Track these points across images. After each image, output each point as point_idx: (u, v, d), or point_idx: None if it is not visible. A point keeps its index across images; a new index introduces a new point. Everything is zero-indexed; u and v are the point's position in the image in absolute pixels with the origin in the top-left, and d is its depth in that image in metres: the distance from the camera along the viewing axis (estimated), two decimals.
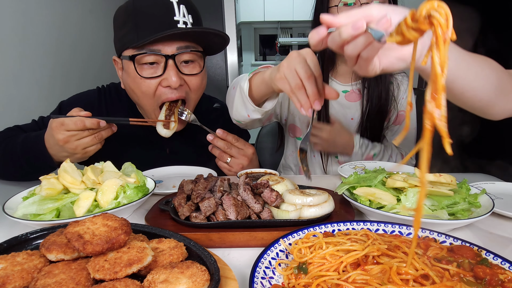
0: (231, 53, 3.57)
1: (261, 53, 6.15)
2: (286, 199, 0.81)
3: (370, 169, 1.07)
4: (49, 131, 1.01)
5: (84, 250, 0.52)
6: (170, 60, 1.09)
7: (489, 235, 0.79)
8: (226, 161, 1.19)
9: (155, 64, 1.11)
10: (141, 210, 0.95)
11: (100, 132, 1.04)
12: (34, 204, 0.82)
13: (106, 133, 1.06)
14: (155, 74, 1.10)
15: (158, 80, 1.12)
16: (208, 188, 0.83)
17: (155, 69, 1.11)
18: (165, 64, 1.09)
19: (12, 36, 1.74)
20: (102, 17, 2.72)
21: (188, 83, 1.17)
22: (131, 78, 1.13)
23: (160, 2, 1.08)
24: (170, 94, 1.14)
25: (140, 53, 1.08)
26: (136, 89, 1.14)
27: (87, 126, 0.99)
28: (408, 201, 0.81)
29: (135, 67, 1.10)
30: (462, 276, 0.53)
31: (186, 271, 0.51)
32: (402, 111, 1.50)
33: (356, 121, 1.49)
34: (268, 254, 0.62)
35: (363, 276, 0.53)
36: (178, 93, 1.14)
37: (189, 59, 1.15)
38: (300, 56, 0.83)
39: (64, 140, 0.99)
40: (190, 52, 1.13)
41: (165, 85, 1.12)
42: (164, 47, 1.08)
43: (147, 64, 1.10)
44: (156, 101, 1.16)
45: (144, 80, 1.11)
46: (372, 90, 1.42)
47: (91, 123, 1.00)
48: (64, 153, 1.03)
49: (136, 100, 1.21)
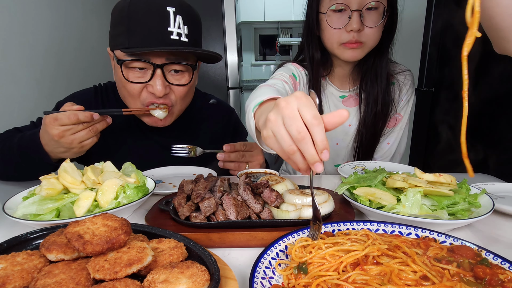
0: (231, 53, 3.57)
1: (261, 53, 6.14)
2: (286, 199, 0.81)
3: (370, 169, 1.07)
4: (43, 127, 1.01)
5: (84, 250, 0.52)
6: (158, 69, 1.09)
7: (489, 235, 0.79)
8: (245, 169, 1.21)
9: (144, 70, 1.11)
10: (141, 210, 0.95)
11: (95, 125, 1.03)
12: (34, 204, 0.82)
13: (101, 125, 1.05)
14: (142, 79, 1.11)
15: (144, 85, 1.13)
16: (208, 188, 0.83)
17: (142, 74, 1.12)
18: (153, 72, 1.10)
19: (12, 36, 1.74)
20: (103, 16, 2.72)
21: (174, 91, 1.17)
22: (119, 77, 1.14)
23: (155, 10, 1.06)
24: (155, 99, 1.15)
25: (129, 59, 1.09)
26: (122, 88, 1.16)
27: (81, 119, 0.98)
28: (408, 201, 0.81)
29: (122, 72, 1.11)
30: (462, 276, 0.54)
31: (186, 271, 0.51)
32: (398, 114, 1.45)
33: (354, 127, 1.45)
34: (268, 254, 0.62)
35: (363, 276, 0.53)
36: (162, 100, 1.15)
37: (179, 69, 1.15)
38: (289, 107, 0.60)
39: (59, 135, 0.98)
40: (179, 64, 1.13)
41: (150, 91, 1.13)
42: (154, 57, 1.09)
43: (136, 69, 1.11)
44: (141, 103, 1.16)
45: (130, 83, 1.12)
46: (369, 95, 1.37)
47: (85, 116, 0.99)
48: (60, 148, 1.02)
49: (122, 98, 1.22)
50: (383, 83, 1.35)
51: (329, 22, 1.23)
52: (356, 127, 1.45)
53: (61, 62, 2.16)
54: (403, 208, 0.80)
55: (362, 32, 1.21)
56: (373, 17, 1.21)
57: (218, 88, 3.59)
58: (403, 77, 1.44)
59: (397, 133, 1.48)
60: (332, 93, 1.45)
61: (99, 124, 1.05)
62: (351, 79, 1.43)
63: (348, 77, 1.43)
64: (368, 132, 1.41)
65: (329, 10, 1.22)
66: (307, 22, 1.33)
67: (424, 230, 0.69)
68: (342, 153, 1.50)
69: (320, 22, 1.28)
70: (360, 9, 1.18)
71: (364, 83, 1.39)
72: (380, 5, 1.21)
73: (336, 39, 1.25)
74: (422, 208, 0.80)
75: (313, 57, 1.35)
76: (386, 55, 1.34)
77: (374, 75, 1.35)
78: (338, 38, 1.24)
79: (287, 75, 1.31)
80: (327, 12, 1.23)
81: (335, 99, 1.45)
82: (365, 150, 1.45)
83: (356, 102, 1.45)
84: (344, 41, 1.23)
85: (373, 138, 1.43)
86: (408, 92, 1.45)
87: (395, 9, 1.27)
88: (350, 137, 1.47)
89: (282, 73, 1.31)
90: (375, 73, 1.35)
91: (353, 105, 1.45)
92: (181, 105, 1.23)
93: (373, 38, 1.24)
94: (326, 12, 1.23)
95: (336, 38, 1.24)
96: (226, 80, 3.62)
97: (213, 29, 3.39)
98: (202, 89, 1.53)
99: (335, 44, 1.26)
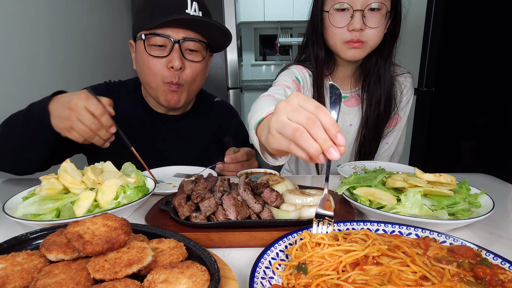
0: (231, 53, 3.57)
1: (261, 53, 6.14)
2: (286, 199, 0.81)
3: (370, 169, 1.07)
4: (74, 94, 1.04)
5: (84, 250, 0.52)
6: (176, 44, 1.21)
7: (489, 235, 0.79)
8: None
9: (163, 47, 1.22)
10: (141, 210, 0.95)
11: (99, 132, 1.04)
12: (34, 204, 0.82)
13: (102, 136, 1.06)
14: (161, 54, 1.22)
15: (164, 60, 1.22)
16: (208, 188, 0.83)
17: (162, 51, 1.22)
18: (172, 47, 1.21)
19: (12, 36, 1.74)
20: (104, 16, 2.72)
21: (189, 69, 1.26)
22: (140, 56, 1.25)
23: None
24: (172, 77, 1.23)
25: (152, 33, 1.20)
26: (143, 66, 1.25)
27: (101, 119, 1.02)
28: (408, 201, 0.81)
29: (144, 46, 1.21)
30: (462, 276, 0.53)
31: (186, 271, 0.51)
32: (397, 114, 1.46)
33: (354, 127, 1.46)
34: (268, 254, 0.62)
35: (363, 276, 0.53)
36: (177, 78, 1.24)
37: (194, 48, 1.25)
38: (290, 104, 0.60)
39: (73, 107, 1.00)
40: (194, 41, 1.23)
41: (169, 66, 1.22)
42: (172, 33, 1.20)
43: (156, 46, 1.21)
44: (161, 80, 1.24)
45: (151, 58, 1.22)
46: (372, 96, 1.38)
47: (107, 120, 1.03)
48: (59, 112, 1.02)
49: (143, 77, 1.29)
50: (387, 84, 1.37)
51: (332, 21, 1.24)
52: (358, 127, 1.46)
53: (61, 62, 2.16)
54: (403, 208, 0.80)
55: (363, 32, 1.22)
56: (375, 18, 1.22)
57: (218, 88, 3.59)
58: (403, 78, 1.46)
59: (396, 134, 1.49)
60: None
61: (103, 133, 1.05)
62: (353, 79, 1.44)
63: (350, 78, 1.44)
64: (370, 133, 1.42)
65: (332, 8, 1.23)
66: (312, 21, 1.34)
67: (424, 230, 0.69)
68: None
69: (324, 20, 1.29)
70: (362, 9, 1.19)
71: (367, 84, 1.39)
72: (383, 7, 1.21)
73: (338, 37, 1.26)
74: (422, 208, 0.80)
75: (317, 56, 1.36)
76: (389, 57, 1.34)
77: (377, 76, 1.36)
78: (340, 37, 1.25)
79: (290, 80, 1.32)
80: (330, 10, 1.24)
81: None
82: (367, 151, 1.46)
83: (357, 102, 1.46)
84: (347, 39, 1.24)
85: (375, 139, 1.44)
86: (408, 93, 1.46)
87: (399, 13, 1.28)
88: (351, 136, 1.48)
89: (284, 78, 1.33)
90: (378, 74, 1.36)
91: (354, 105, 1.46)
92: (192, 87, 1.31)
93: (374, 39, 1.25)
94: (329, 11, 1.24)
95: (339, 36, 1.25)
96: (226, 80, 3.62)
97: None
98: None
99: (338, 43, 1.27)
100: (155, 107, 1.41)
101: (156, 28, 1.19)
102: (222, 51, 1.39)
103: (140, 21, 1.24)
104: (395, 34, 1.31)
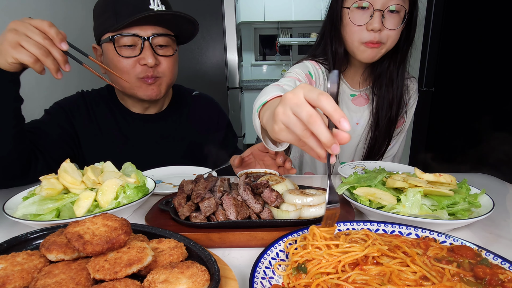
0: (231, 53, 3.57)
1: (261, 53, 6.14)
2: (286, 199, 0.81)
3: (370, 169, 1.07)
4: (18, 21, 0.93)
5: (84, 250, 0.52)
6: (146, 41, 1.20)
7: (489, 235, 0.79)
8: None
9: (133, 46, 1.21)
10: (141, 210, 0.95)
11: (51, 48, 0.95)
12: (34, 204, 0.82)
13: (57, 53, 0.96)
14: (132, 54, 1.21)
15: (136, 59, 1.21)
16: (208, 188, 0.83)
17: (132, 50, 1.21)
18: (142, 45, 1.20)
19: None
20: None
21: (163, 63, 1.26)
22: (110, 58, 1.23)
23: None
24: (146, 71, 1.23)
25: (119, 34, 1.18)
26: (114, 67, 1.23)
27: (49, 31, 0.93)
28: (408, 201, 0.81)
29: (114, 47, 1.19)
30: (462, 276, 0.54)
31: (186, 271, 0.51)
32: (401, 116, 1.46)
33: (361, 126, 1.47)
34: (268, 254, 0.62)
35: (363, 276, 0.53)
36: (153, 71, 1.24)
37: (163, 43, 1.25)
38: (296, 96, 0.61)
39: (17, 28, 0.91)
40: (164, 36, 1.24)
41: (142, 63, 1.22)
42: (141, 31, 1.19)
43: (126, 46, 1.20)
44: (136, 77, 1.24)
45: (122, 59, 1.21)
46: (384, 99, 1.38)
47: (56, 32, 0.94)
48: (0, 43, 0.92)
49: (116, 78, 1.26)
50: (399, 89, 1.37)
51: (351, 18, 1.23)
52: (364, 126, 1.46)
53: None
54: (403, 208, 0.80)
55: (381, 33, 1.22)
56: (394, 20, 1.21)
57: (218, 88, 3.59)
58: (410, 82, 1.47)
59: (398, 136, 1.50)
60: (344, 91, 1.46)
61: (56, 52, 0.96)
62: (362, 79, 1.44)
63: (360, 77, 1.44)
64: (381, 136, 1.43)
65: (353, 6, 1.23)
66: (330, 17, 1.33)
67: (424, 230, 0.69)
68: (349, 151, 1.51)
69: (343, 17, 1.28)
70: (383, 9, 1.19)
71: (378, 86, 1.39)
72: (402, 9, 1.21)
73: (357, 37, 1.25)
74: (422, 208, 0.80)
75: (336, 52, 1.35)
76: (403, 62, 1.35)
77: (390, 80, 1.36)
78: (358, 36, 1.24)
79: (302, 74, 1.31)
80: (351, 7, 1.23)
81: (345, 96, 1.46)
82: (377, 152, 1.47)
83: (365, 101, 1.46)
84: (365, 40, 1.23)
85: (385, 140, 1.45)
86: (412, 97, 1.47)
87: (414, 18, 1.27)
88: (358, 135, 1.48)
89: (297, 71, 1.31)
90: (390, 78, 1.36)
91: (362, 104, 1.47)
92: (169, 77, 1.32)
93: (391, 41, 1.24)
94: (350, 7, 1.23)
95: (357, 36, 1.24)
96: (226, 80, 3.62)
97: (213, 29, 3.39)
98: (202, 89, 1.55)
99: (356, 43, 1.26)
100: (132, 107, 1.39)
101: (123, 28, 1.17)
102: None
103: (103, 23, 1.21)
104: (409, 39, 1.31)
